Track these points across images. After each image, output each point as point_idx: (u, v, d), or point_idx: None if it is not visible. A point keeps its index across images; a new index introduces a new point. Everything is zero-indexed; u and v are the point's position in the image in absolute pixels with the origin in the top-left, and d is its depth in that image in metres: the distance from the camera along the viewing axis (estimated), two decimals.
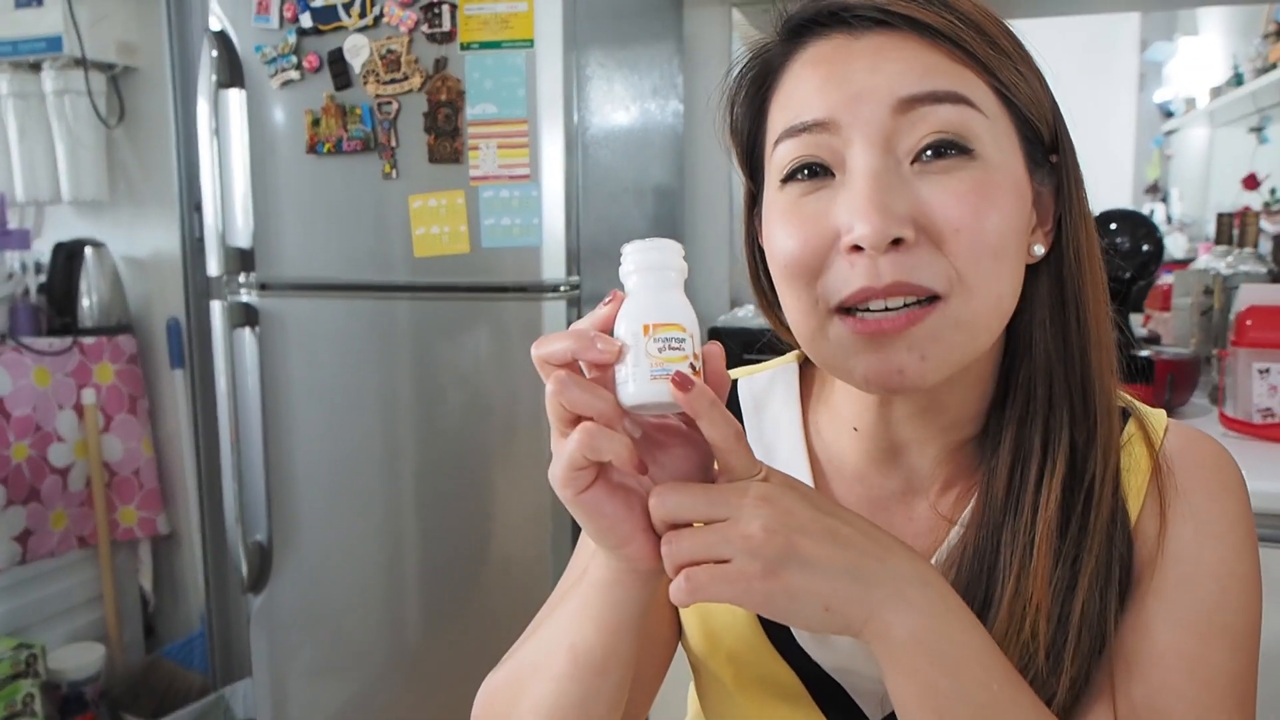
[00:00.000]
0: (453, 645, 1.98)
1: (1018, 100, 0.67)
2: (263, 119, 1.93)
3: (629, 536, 0.61)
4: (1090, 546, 0.67)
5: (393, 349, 1.93)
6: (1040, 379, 0.70)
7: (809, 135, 0.66)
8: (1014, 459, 0.70)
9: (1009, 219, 0.65)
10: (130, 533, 2.59)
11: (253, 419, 2.03)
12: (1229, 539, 0.70)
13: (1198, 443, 0.75)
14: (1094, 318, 0.70)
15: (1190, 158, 4.79)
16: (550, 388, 0.58)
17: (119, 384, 2.55)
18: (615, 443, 0.56)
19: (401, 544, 1.98)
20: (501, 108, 1.76)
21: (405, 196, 1.85)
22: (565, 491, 0.59)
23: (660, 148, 2.35)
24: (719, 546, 0.57)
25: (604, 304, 0.60)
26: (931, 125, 0.64)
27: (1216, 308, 1.96)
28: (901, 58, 0.64)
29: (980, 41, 0.65)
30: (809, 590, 0.57)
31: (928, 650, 0.59)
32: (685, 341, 0.58)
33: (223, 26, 1.91)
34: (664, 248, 0.60)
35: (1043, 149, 0.70)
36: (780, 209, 0.68)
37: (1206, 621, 0.67)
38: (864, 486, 0.77)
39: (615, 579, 0.64)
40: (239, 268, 1.99)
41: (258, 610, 2.11)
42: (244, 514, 2.05)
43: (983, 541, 0.69)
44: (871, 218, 0.61)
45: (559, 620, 0.71)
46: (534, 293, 1.82)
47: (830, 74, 0.66)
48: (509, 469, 1.89)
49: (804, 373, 0.86)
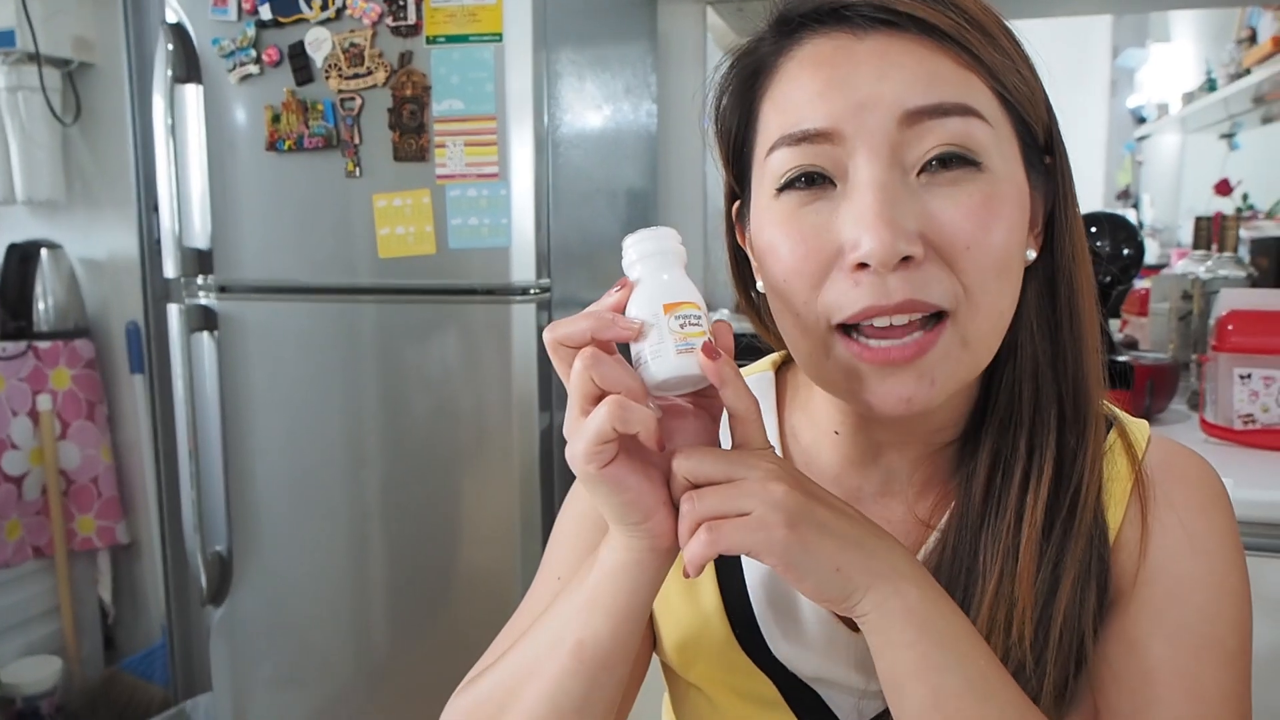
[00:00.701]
0: (420, 655, 1.95)
1: (1018, 104, 0.66)
2: (221, 115, 1.89)
3: (652, 509, 0.61)
4: (1074, 550, 0.67)
5: (357, 353, 1.89)
6: (1026, 383, 0.70)
7: (809, 145, 0.64)
8: (994, 462, 0.70)
9: (1014, 233, 0.64)
10: (89, 542, 2.53)
11: (212, 426, 1.98)
12: (1217, 553, 0.69)
13: (1182, 457, 0.74)
14: (1086, 322, 0.70)
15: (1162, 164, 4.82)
16: (579, 364, 0.59)
17: (76, 389, 2.49)
18: (645, 414, 0.58)
19: (367, 553, 1.94)
20: (469, 104, 1.72)
21: (369, 195, 1.81)
22: (589, 467, 0.59)
23: (633, 148, 2.32)
24: (742, 499, 0.58)
25: (615, 291, 0.62)
26: (939, 138, 0.62)
27: (1196, 313, 1.94)
28: (907, 64, 0.62)
29: (985, 44, 0.63)
30: (823, 549, 0.59)
31: (921, 622, 0.60)
32: (701, 318, 0.61)
33: (179, 19, 1.87)
34: (663, 235, 0.63)
35: (1037, 150, 0.68)
36: (777, 219, 0.66)
37: (1198, 636, 0.66)
38: (841, 490, 0.76)
39: (635, 560, 0.64)
40: (197, 270, 1.94)
41: (218, 622, 2.06)
42: (203, 524, 2.00)
43: (961, 544, 0.69)
44: (881, 234, 0.60)
45: (559, 618, 0.68)
46: (503, 295, 1.79)
47: (832, 79, 0.63)
48: (477, 476, 1.86)
49: (781, 380, 0.85)
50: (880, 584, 0.60)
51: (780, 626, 0.75)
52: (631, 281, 0.63)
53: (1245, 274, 1.96)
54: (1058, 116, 0.69)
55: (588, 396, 0.59)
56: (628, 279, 0.63)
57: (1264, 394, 1.62)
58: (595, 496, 0.62)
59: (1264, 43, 2.82)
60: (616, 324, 0.60)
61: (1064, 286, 0.69)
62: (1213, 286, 1.94)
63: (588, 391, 0.59)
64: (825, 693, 0.75)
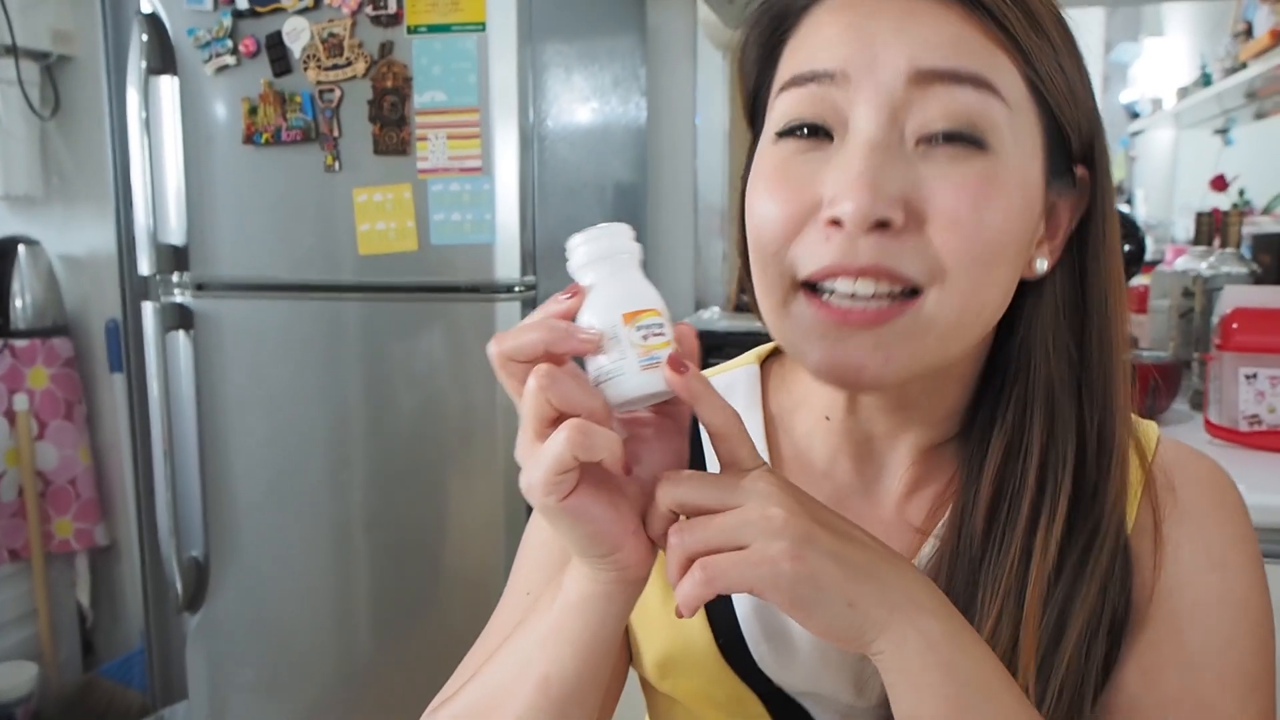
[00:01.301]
0: (403, 659, 1.92)
1: (1050, 96, 0.61)
2: (196, 108, 1.86)
3: (620, 541, 0.56)
4: (1085, 595, 0.62)
5: (337, 352, 1.86)
6: (1038, 409, 0.65)
7: (816, 85, 0.60)
8: (997, 491, 0.65)
9: (1010, 222, 0.59)
10: (66, 545, 2.49)
11: (188, 427, 1.95)
12: (1235, 565, 0.65)
13: (1194, 460, 0.70)
14: (1118, 353, 0.65)
15: (1155, 159, 4.80)
16: (534, 384, 0.52)
17: (54, 389, 2.44)
18: (609, 439, 0.52)
19: (349, 556, 1.91)
20: (451, 95, 1.69)
21: (349, 190, 1.78)
22: (548, 499, 0.53)
23: (622, 142, 2.28)
24: (738, 530, 0.53)
25: (564, 298, 0.56)
26: (946, 107, 0.58)
27: (1198, 310, 1.90)
28: (930, 23, 0.59)
29: (1023, 22, 0.59)
30: (834, 582, 0.53)
31: (945, 661, 0.54)
32: (665, 326, 0.55)
33: (154, 9, 1.84)
34: (615, 232, 0.57)
35: (1067, 156, 0.64)
36: (768, 165, 0.63)
37: (1219, 662, 0.62)
38: (831, 483, 0.73)
39: (602, 593, 0.58)
40: (173, 267, 1.91)
41: (195, 629, 2.03)
42: (179, 528, 1.97)
43: (957, 574, 0.65)
44: (859, 193, 0.56)
45: (523, 648, 0.64)
46: (487, 293, 1.76)
47: (851, 24, 0.60)
48: (462, 478, 1.83)
49: (766, 371, 0.81)
50: (898, 618, 0.54)
51: (768, 640, 0.71)
52: (583, 287, 0.56)
53: (1248, 270, 1.92)
54: None
55: (543, 420, 0.53)
56: (578, 284, 0.57)
57: (1270, 394, 1.58)
58: (556, 529, 0.56)
59: (1260, 36, 2.78)
60: (574, 335, 0.54)
61: (1095, 312, 0.65)
62: (1215, 284, 1.90)
63: (544, 414, 0.53)
64: (813, 708, 0.72)
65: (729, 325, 2.35)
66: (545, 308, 0.56)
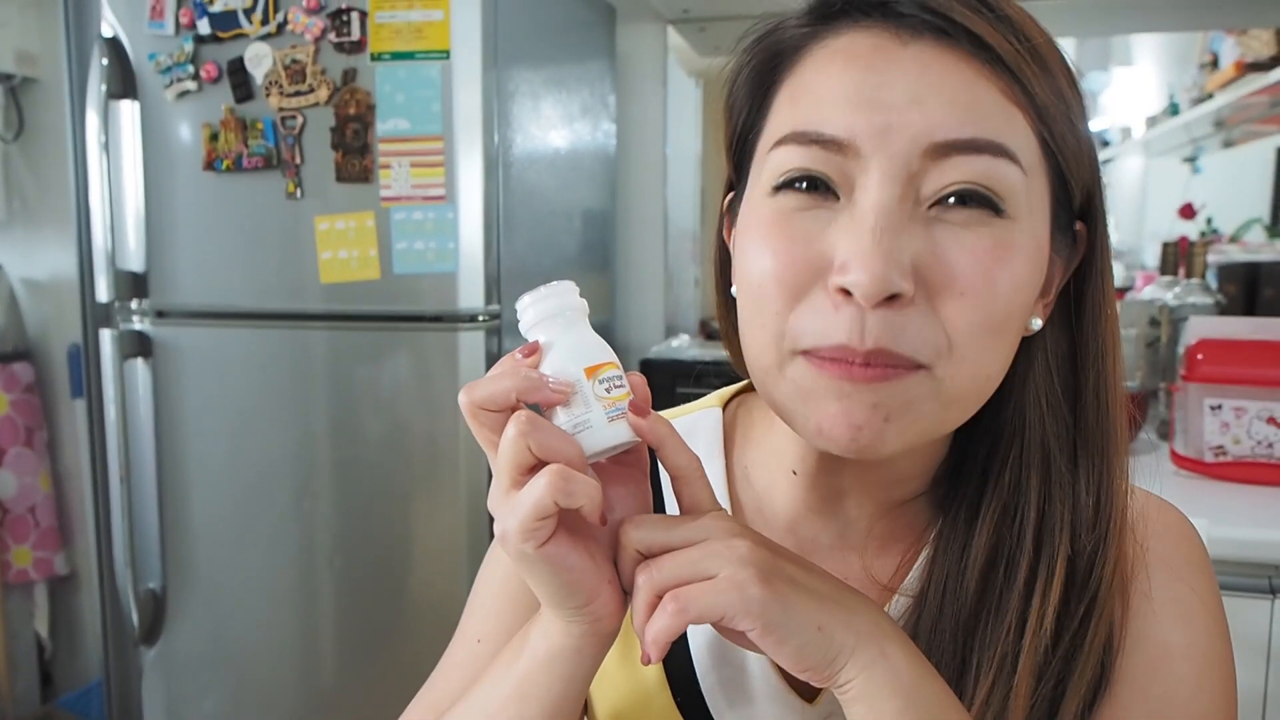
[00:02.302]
0: (369, 688, 1.89)
1: (1062, 155, 0.58)
2: (157, 132, 1.83)
3: (595, 590, 0.56)
4: (1082, 669, 0.61)
5: (299, 381, 1.83)
6: (1034, 470, 0.63)
7: (821, 150, 0.56)
8: (994, 554, 0.63)
9: (1021, 291, 0.57)
10: (25, 574, 2.45)
11: (146, 457, 1.92)
12: (1200, 619, 0.64)
13: (1160, 511, 0.69)
14: (1115, 412, 0.63)
15: (1125, 187, 4.85)
16: (514, 430, 0.53)
17: (14, 415, 2.40)
18: (589, 486, 0.52)
19: (312, 585, 1.88)
20: (415, 123, 1.67)
21: (311, 218, 1.76)
22: (525, 546, 0.53)
23: (591, 169, 2.27)
24: (705, 561, 0.53)
25: (523, 354, 0.57)
26: (964, 174, 0.55)
27: (1164, 340, 1.90)
28: (947, 88, 0.55)
29: (1041, 80, 0.56)
30: (803, 605, 0.53)
31: (909, 690, 0.54)
32: (622, 377, 0.57)
33: (115, 33, 1.81)
34: (562, 290, 0.58)
35: (1069, 212, 0.61)
36: (767, 217, 0.59)
37: (1183, 713, 0.62)
38: (795, 538, 0.71)
39: (573, 647, 0.58)
40: (132, 293, 1.87)
41: (152, 661, 1.99)
42: (135, 559, 1.93)
43: (942, 636, 0.63)
44: (873, 265, 0.53)
45: (485, 704, 0.62)
46: (450, 322, 1.74)
47: (864, 84, 0.56)
48: (425, 507, 1.81)
49: (729, 417, 0.79)
50: (865, 645, 0.54)
51: (727, 696, 0.69)
52: (539, 344, 0.57)
53: (1213, 300, 1.93)
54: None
55: (521, 467, 0.53)
56: (537, 343, 0.57)
57: (1235, 425, 1.58)
58: (532, 578, 0.56)
59: (1226, 68, 2.82)
60: (545, 385, 0.54)
61: (1091, 369, 0.62)
62: (1181, 314, 1.91)
63: (522, 461, 0.53)
64: None
65: (699, 353, 2.34)
66: (503, 364, 0.56)
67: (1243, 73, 2.66)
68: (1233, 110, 2.91)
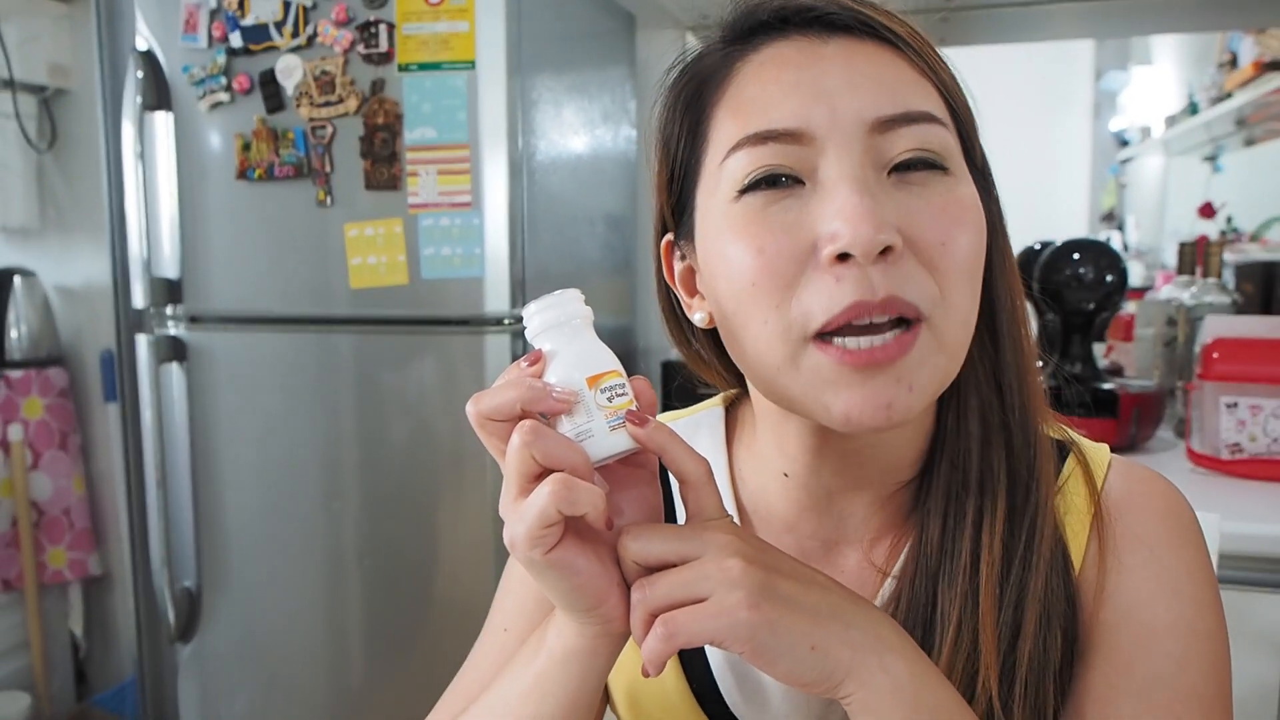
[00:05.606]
0: (396, 687, 1.91)
1: (960, 115, 0.65)
2: (191, 143, 1.87)
3: (604, 594, 0.57)
4: (1034, 587, 0.63)
5: (329, 384, 1.86)
6: (973, 416, 0.67)
7: (776, 144, 0.60)
8: (948, 501, 0.66)
9: (978, 238, 0.62)
10: (59, 575, 2.48)
11: (181, 459, 1.96)
12: (1187, 591, 0.65)
13: (1146, 482, 0.70)
14: (1026, 348, 0.68)
15: (1146, 186, 4.83)
16: (519, 439, 0.54)
17: (49, 419, 2.44)
18: (593, 493, 0.53)
19: (341, 585, 1.91)
20: (441, 132, 1.70)
21: (340, 225, 1.79)
22: (533, 552, 0.54)
23: (612, 175, 2.30)
24: (696, 583, 0.54)
25: (527, 364, 0.57)
26: (909, 142, 0.60)
27: (1181, 339, 1.92)
28: (875, 73, 0.61)
29: (936, 58, 0.64)
30: (794, 626, 0.54)
31: (912, 700, 0.55)
32: (625, 385, 0.57)
33: (149, 46, 1.85)
34: (567, 299, 0.58)
35: (975, 169, 0.66)
36: (739, 222, 0.60)
37: (1171, 689, 0.62)
38: (794, 537, 0.72)
39: (588, 647, 0.60)
40: (166, 299, 1.92)
41: (187, 659, 2.02)
42: (171, 558, 1.97)
43: (918, 591, 0.65)
44: (861, 222, 0.56)
45: (506, 699, 0.64)
46: (476, 325, 1.76)
47: (801, 79, 0.60)
48: (452, 506, 1.83)
49: (731, 417, 0.81)
50: (864, 659, 0.55)
51: (740, 686, 0.71)
52: (544, 352, 0.58)
53: (1230, 300, 1.94)
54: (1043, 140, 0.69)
55: (527, 475, 0.54)
56: (540, 351, 0.58)
57: (1251, 423, 1.60)
58: (542, 583, 0.57)
59: (1245, 66, 2.83)
60: (549, 394, 0.55)
61: (1004, 313, 0.67)
62: (1197, 313, 1.92)
63: (528, 470, 0.54)
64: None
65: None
66: (508, 373, 0.58)
67: (1261, 72, 2.67)
68: (1254, 108, 2.91)
